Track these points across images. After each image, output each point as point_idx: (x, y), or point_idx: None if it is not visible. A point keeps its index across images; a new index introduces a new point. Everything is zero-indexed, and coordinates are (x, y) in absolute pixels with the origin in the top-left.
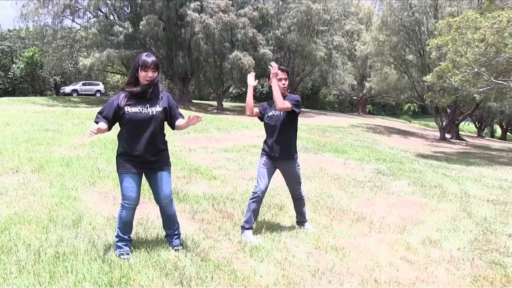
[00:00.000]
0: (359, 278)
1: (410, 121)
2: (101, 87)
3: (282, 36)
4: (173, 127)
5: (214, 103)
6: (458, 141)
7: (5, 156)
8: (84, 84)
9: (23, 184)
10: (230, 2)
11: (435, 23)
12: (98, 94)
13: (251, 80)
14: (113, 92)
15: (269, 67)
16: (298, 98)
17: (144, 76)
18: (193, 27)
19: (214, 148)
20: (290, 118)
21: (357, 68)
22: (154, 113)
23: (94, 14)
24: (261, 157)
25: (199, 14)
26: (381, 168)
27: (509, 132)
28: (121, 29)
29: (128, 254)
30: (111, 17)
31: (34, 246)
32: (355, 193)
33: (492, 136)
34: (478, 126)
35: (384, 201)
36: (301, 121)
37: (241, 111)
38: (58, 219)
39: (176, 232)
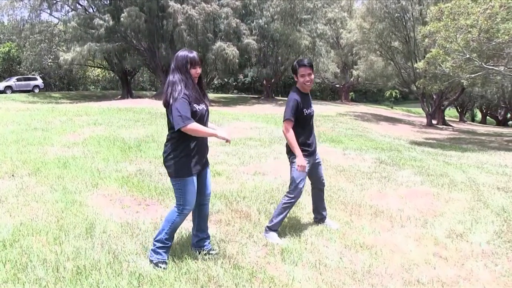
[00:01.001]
0: (401, 279)
1: (392, 107)
2: (39, 82)
3: (266, 26)
4: None
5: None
6: (444, 126)
7: None
8: (19, 80)
9: (22, 190)
10: None
11: (421, 10)
12: (36, 90)
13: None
14: (93, 87)
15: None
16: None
17: (194, 72)
18: (175, 19)
19: (210, 142)
20: None
21: (339, 56)
22: (207, 107)
23: (73, 7)
24: None
25: (181, 5)
26: (382, 157)
27: (488, 116)
28: (101, 22)
29: (165, 263)
30: (91, 10)
31: (50, 260)
32: (364, 185)
33: (473, 120)
34: (459, 110)
35: (396, 193)
36: None
37: (226, 102)
38: (69, 228)
39: (208, 235)
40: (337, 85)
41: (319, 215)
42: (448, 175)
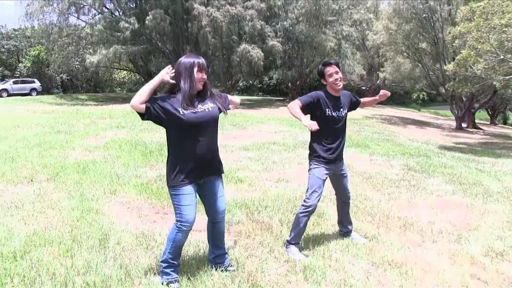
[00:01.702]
0: None
1: (419, 110)
2: (37, 85)
3: (291, 28)
4: None
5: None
6: (474, 130)
7: (18, 163)
8: (15, 83)
9: (39, 196)
10: None
11: (450, 10)
12: (33, 94)
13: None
14: (119, 89)
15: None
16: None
17: (201, 77)
18: (200, 21)
19: (233, 146)
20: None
21: (365, 58)
22: (211, 110)
23: (99, 11)
24: (316, 165)
25: (205, 8)
26: (410, 163)
27: None
28: (127, 25)
29: (176, 281)
30: (117, 13)
31: (60, 275)
32: (392, 194)
33: (505, 123)
34: (490, 113)
35: (426, 203)
36: None
37: (251, 105)
38: (83, 238)
39: (226, 251)
40: (363, 88)
41: (344, 229)
42: (482, 184)
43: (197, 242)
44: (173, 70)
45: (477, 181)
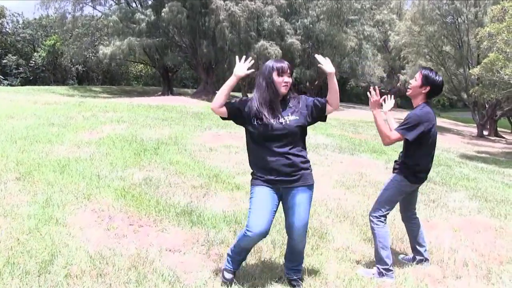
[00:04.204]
0: None
1: (439, 115)
2: None
3: (311, 25)
4: None
5: (239, 94)
6: (497, 138)
7: None
8: None
9: None
10: None
11: (477, 12)
12: None
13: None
14: (135, 82)
15: (369, 93)
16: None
17: (282, 81)
18: (217, 15)
19: (238, 147)
20: None
21: (387, 60)
22: (284, 125)
23: (116, 1)
24: (402, 178)
25: (224, 1)
26: (430, 174)
27: None
28: (143, 16)
29: (231, 273)
30: (133, 5)
31: None
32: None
33: None
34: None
35: (447, 223)
36: (331, 115)
37: None
38: (22, 259)
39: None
40: (383, 90)
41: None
42: (511, 202)
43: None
44: (250, 60)
45: (505, 198)
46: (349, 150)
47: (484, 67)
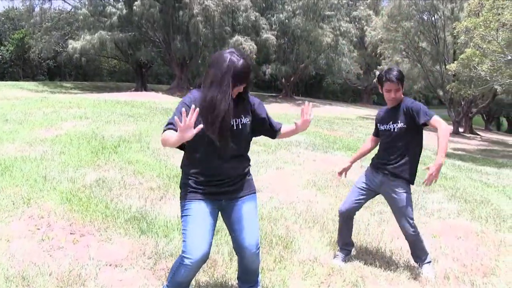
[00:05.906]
0: None
1: None
2: None
3: (287, 21)
4: None
5: None
6: (472, 135)
7: None
8: None
9: None
10: None
11: (453, 8)
12: None
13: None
14: (109, 78)
15: None
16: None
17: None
18: (191, 9)
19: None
20: None
21: (363, 56)
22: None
23: None
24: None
25: None
26: None
27: None
28: (114, 10)
29: None
30: None
31: None
32: (384, 214)
33: (498, 129)
34: (485, 118)
35: (426, 229)
36: None
37: None
38: None
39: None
40: (359, 87)
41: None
42: (491, 203)
43: None
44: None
45: (485, 199)
46: (322, 148)
47: (461, 63)
